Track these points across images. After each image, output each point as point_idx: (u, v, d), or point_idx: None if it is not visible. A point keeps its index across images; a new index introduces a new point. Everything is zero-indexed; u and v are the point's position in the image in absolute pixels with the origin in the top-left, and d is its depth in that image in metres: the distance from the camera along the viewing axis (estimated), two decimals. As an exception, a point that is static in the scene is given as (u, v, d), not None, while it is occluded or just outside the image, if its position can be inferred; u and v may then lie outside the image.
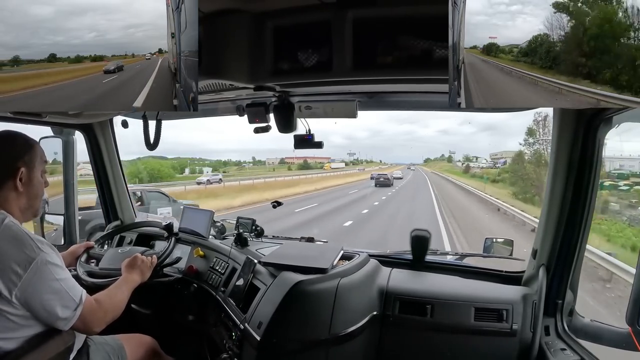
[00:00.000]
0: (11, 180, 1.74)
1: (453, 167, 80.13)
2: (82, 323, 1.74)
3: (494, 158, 60.22)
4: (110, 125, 3.20)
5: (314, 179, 44.33)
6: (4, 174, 1.74)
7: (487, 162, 61.81)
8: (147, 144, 2.07)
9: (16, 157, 1.75)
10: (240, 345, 2.13)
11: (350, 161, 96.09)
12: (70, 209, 3.23)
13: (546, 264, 2.08)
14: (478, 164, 63.53)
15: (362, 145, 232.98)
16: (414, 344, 2.15)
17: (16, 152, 1.76)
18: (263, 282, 2.22)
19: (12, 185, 1.74)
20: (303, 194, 28.21)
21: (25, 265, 1.61)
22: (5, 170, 1.74)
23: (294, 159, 76.83)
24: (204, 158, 74.54)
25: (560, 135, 1.95)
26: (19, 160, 1.75)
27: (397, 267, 2.45)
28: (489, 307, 2.08)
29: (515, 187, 28.89)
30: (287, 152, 72.42)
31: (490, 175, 44.73)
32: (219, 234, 3.00)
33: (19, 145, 1.78)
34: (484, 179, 40.51)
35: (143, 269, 2.23)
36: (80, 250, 2.56)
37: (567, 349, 1.97)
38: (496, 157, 59.22)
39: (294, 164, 76.87)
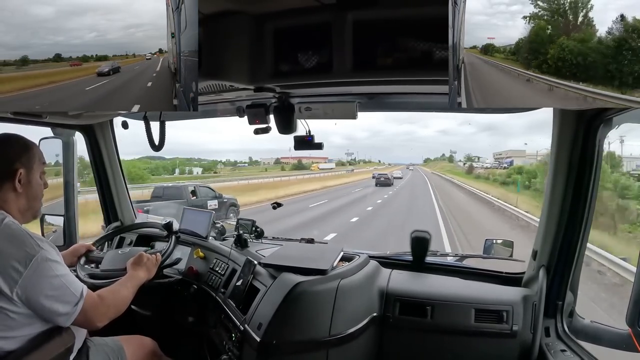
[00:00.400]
0: (10, 181, 1.75)
1: (454, 167, 79.38)
2: (84, 318, 1.74)
3: (498, 158, 59.96)
4: (110, 126, 3.20)
5: (305, 179, 44.28)
6: (2, 175, 1.75)
7: (491, 162, 61.34)
8: (152, 145, 2.07)
9: (14, 159, 1.77)
10: (240, 347, 2.13)
11: (347, 161, 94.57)
12: (70, 210, 3.22)
13: (546, 265, 2.08)
14: (481, 163, 62.78)
15: (362, 145, 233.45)
16: (414, 345, 2.15)
17: (14, 153, 1.78)
18: (263, 283, 2.22)
19: (11, 187, 1.75)
20: (311, 192, 29.68)
21: (26, 262, 1.62)
22: (4, 172, 1.75)
23: (289, 159, 75.79)
24: (202, 158, 73.73)
25: (561, 135, 1.95)
26: (17, 161, 1.77)
27: (397, 268, 2.45)
28: (489, 309, 2.08)
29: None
30: (284, 151, 72.36)
31: (497, 176, 43.73)
32: (218, 235, 3.00)
33: (17, 147, 1.79)
34: (509, 183, 35.89)
35: (149, 266, 2.25)
36: (82, 250, 2.56)
37: (568, 350, 1.97)
38: (500, 157, 58.96)
39: (289, 164, 75.99)
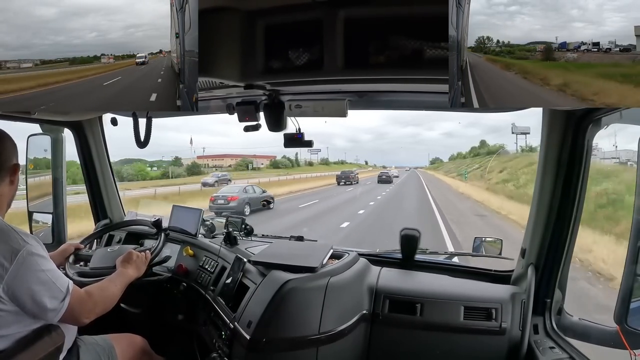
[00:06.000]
0: (8, 176, 1.75)
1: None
2: (70, 314, 1.73)
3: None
4: (99, 123, 3.18)
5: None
6: (2, 171, 1.75)
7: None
8: (138, 142, 2.06)
9: (11, 154, 1.77)
10: (230, 345, 2.12)
11: (308, 162, 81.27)
12: (59, 207, 3.19)
13: (535, 263, 2.09)
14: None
15: (366, 148, 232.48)
16: (404, 343, 2.16)
17: (10, 149, 1.77)
18: (252, 281, 2.22)
19: (8, 182, 1.76)
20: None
21: (11, 257, 1.60)
22: (4, 168, 1.75)
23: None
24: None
25: (550, 135, 1.96)
26: (14, 156, 1.77)
27: (387, 266, 2.46)
28: (478, 306, 2.10)
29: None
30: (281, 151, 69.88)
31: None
32: (208, 232, 2.99)
33: (10, 142, 1.79)
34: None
35: (138, 264, 2.24)
36: (70, 250, 2.54)
37: (556, 347, 1.98)
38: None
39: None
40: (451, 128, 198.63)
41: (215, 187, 31.66)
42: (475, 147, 70.05)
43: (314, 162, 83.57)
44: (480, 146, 63.88)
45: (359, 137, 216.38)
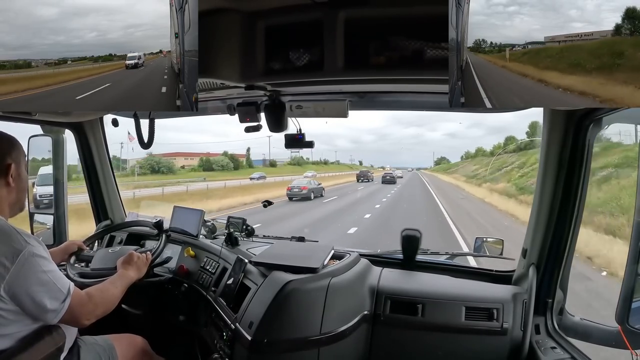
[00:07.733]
0: (3, 177, 1.74)
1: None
2: (71, 315, 1.72)
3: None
4: (100, 124, 3.18)
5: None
6: None
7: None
8: (141, 143, 2.06)
9: (5, 154, 1.76)
10: (231, 345, 2.12)
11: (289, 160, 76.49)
12: (60, 208, 3.20)
13: (536, 263, 2.09)
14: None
15: (369, 149, 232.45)
16: (405, 343, 2.16)
17: (4, 149, 1.77)
18: (254, 281, 2.22)
19: (4, 183, 1.75)
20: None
21: (13, 257, 1.60)
22: None
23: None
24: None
25: (550, 135, 1.96)
26: (8, 156, 1.76)
27: (388, 266, 2.46)
28: (480, 306, 2.09)
29: None
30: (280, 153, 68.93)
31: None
32: (209, 233, 2.98)
33: (4, 142, 1.79)
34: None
35: (139, 265, 2.23)
36: (73, 247, 2.53)
37: (557, 347, 1.98)
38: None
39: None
40: (454, 129, 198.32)
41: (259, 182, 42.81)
42: (497, 145, 58.56)
43: (303, 161, 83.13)
44: (506, 142, 52.98)
45: (361, 138, 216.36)
